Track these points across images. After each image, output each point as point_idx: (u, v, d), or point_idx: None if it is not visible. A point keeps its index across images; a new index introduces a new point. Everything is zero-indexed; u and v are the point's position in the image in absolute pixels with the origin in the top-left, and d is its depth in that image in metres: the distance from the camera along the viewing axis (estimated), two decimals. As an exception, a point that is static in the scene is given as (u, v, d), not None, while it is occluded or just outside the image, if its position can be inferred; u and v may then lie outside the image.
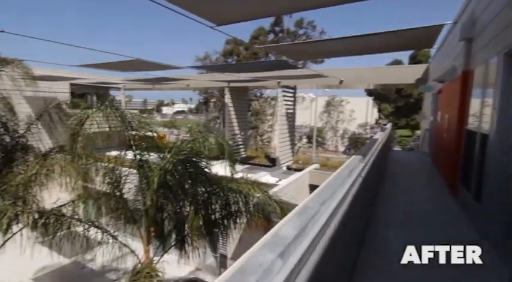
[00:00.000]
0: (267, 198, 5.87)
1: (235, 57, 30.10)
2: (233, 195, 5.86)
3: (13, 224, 5.07)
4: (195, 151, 5.95)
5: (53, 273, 10.32)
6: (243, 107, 16.77)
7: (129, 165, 6.38)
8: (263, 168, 14.17)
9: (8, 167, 5.24)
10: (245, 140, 17.09)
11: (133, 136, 5.54)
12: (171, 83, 15.41)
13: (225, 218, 6.00)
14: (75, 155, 4.90)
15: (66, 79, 14.29)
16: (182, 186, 5.08)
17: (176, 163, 5.02)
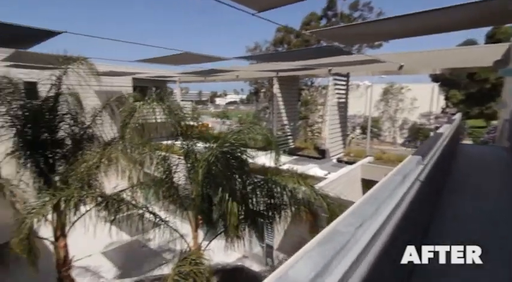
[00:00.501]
0: (312, 193, 5.60)
1: (286, 45, 29.43)
2: (277, 188, 5.73)
3: (80, 206, 5.71)
4: (239, 143, 5.92)
5: (117, 249, 11.56)
6: (292, 97, 16.36)
7: (179, 155, 6.67)
8: (312, 160, 13.74)
9: (75, 156, 5.84)
10: (294, 131, 16.74)
11: (180, 126, 5.72)
12: (221, 75, 15.71)
13: (270, 210, 5.93)
14: (125, 145, 5.23)
15: (129, 74, 15.51)
16: (226, 177, 5.09)
17: (219, 155, 5.04)
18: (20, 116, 6.01)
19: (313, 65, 11.46)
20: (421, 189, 1.64)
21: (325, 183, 9.95)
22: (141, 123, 5.19)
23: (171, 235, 6.45)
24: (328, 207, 5.61)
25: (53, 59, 6.97)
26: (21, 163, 6.00)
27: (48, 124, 6.33)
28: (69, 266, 6.86)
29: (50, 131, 6.40)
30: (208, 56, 7.41)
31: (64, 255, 6.70)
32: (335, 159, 13.49)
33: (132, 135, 5.23)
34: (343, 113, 14.40)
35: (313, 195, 5.63)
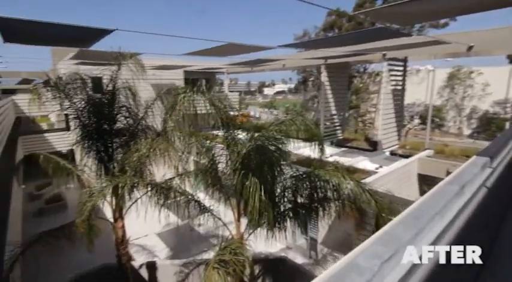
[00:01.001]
0: (358, 189, 5.23)
1: (337, 30, 27.86)
2: (319, 182, 5.47)
3: (135, 191, 6.18)
4: (281, 134, 5.77)
5: (170, 231, 12.44)
6: (342, 85, 15.49)
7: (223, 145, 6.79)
8: (361, 152, 12.96)
9: (129, 146, 6.30)
10: (343, 121, 15.91)
11: (221, 117, 5.77)
12: (267, 65, 15.55)
13: (312, 203, 5.72)
14: (168, 136, 5.43)
15: (180, 67, 16.21)
16: (262, 168, 5.02)
17: (256, 146, 4.97)
18: (84, 108, 6.66)
19: (366, 50, 10.61)
20: (487, 201, 1.30)
21: (375, 178, 9.32)
22: (183, 115, 5.31)
23: (215, 223, 6.66)
24: (376, 204, 5.20)
25: (110, 56, 7.55)
26: (85, 152, 6.70)
27: (107, 116, 6.92)
28: (126, 245, 7.55)
29: (109, 122, 6.99)
30: (253, 46, 7.30)
31: (122, 234, 7.39)
32: (388, 151, 12.51)
33: (175, 127, 5.40)
34: (399, 102, 13.20)
35: (358, 191, 5.25)
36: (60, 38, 5.58)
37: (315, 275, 8.76)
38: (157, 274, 9.18)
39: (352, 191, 5.33)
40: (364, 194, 5.27)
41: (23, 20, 4.21)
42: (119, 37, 5.94)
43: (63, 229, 5.69)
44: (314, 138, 6.32)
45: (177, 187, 6.30)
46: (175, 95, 5.27)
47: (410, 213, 1.00)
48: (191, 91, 5.36)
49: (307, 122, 6.16)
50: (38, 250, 5.58)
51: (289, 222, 6.19)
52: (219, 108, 5.80)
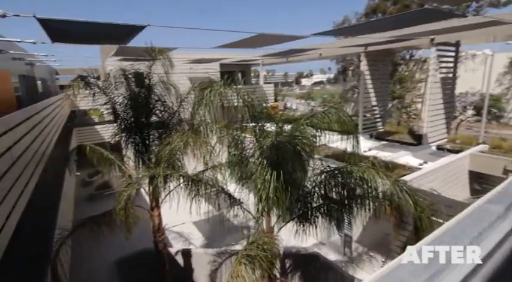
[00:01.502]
0: (395, 188, 4.84)
1: (380, 15, 26.07)
2: (352, 180, 5.16)
3: (168, 183, 6.41)
4: (311, 128, 5.53)
5: (206, 220, 12.84)
6: (383, 74, 14.47)
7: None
8: (404, 146, 12.08)
9: (162, 138, 6.52)
10: (384, 113, 14.92)
11: (248, 110, 5.69)
12: (302, 54, 15.06)
13: (345, 200, 5.44)
14: (195, 129, 5.48)
15: (215, 60, 16.39)
16: (288, 163, 4.85)
17: (275, 143, 4.81)
18: (122, 103, 7.02)
19: (412, 34, 9.71)
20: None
21: (419, 175, 8.63)
22: (209, 108, 5.30)
23: (244, 216, 6.68)
24: (416, 205, 4.78)
25: (146, 52, 7.81)
26: (124, 143, 7.10)
27: (144, 110, 7.22)
28: (163, 232, 7.93)
29: (145, 115, 7.30)
30: (284, 35, 7.06)
31: (158, 223, 7.76)
32: (434, 146, 11.49)
33: (203, 120, 5.42)
34: (449, 91, 11.97)
35: (396, 189, 4.85)
36: (98, 35, 5.89)
37: (348, 273, 8.43)
38: (192, 261, 9.57)
39: (389, 190, 4.95)
40: (402, 194, 4.87)
41: (63, 20, 4.47)
42: (153, 33, 6.11)
43: (104, 216, 6.11)
44: (349, 132, 5.97)
45: (207, 179, 6.42)
46: (202, 89, 5.26)
47: (431, 239, 0.80)
48: (218, 85, 5.29)
49: (340, 114, 5.82)
50: (82, 236, 6.09)
51: (321, 218, 5.99)
52: (246, 101, 5.71)
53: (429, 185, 8.74)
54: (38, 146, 6.85)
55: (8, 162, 4.08)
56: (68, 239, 5.58)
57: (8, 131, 4.31)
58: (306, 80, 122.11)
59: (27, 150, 5.40)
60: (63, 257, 5.62)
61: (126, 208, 5.25)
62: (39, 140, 7.17)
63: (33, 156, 5.93)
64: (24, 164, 5.03)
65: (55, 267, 5.06)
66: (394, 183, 4.95)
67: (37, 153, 6.53)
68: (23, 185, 4.81)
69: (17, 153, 4.62)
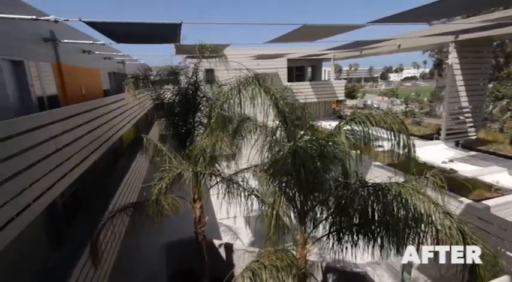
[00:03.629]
0: (443, 220, 3.75)
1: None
2: (391, 201, 4.22)
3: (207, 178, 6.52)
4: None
5: (255, 217, 12.83)
6: (480, 69, 11.72)
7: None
8: (501, 160, 9.58)
9: (200, 135, 6.62)
10: (477, 116, 12.13)
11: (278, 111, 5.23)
12: (376, 47, 13.39)
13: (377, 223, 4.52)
14: (212, 129, 5.29)
15: (279, 56, 16.02)
16: (314, 174, 4.22)
17: (300, 149, 4.19)
18: (170, 98, 7.41)
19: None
20: None
21: (505, 201, 6.69)
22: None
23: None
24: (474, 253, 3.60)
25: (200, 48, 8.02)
26: (168, 139, 7.54)
27: (191, 106, 7.47)
28: (203, 224, 8.18)
29: (193, 111, 7.54)
30: (334, 26, 6.28)
31: (199, 215, 8.03)
32: (548, 163, 8.74)
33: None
34: None
35: (444, 223, 3.76)
36: (150, 35, 6.28)
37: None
38: (233, 256, 9.67)
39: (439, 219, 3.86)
40: (457, 233, 3.71)
41: (106, 22, 4.86)
42: (206, 31, 6.18)
43: (143, 204, 6.56)
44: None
45: (241, 180, 6.29)
46: (219, 86, 5.04)
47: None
48: (240, 83, 4.97)
49: (388, 118, 4.80)
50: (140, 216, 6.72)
51: (359, 238, 5.17)
52: (277, 99, 5.25)
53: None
54: (103, 132, 7.82)
55: (51, 148, 4.71)
56: (112, 219, 6.20)
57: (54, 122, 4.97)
58: (395, 75, 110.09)
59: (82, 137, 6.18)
60: (113, 235, 6.36)
61: (158, 201, 5.52)
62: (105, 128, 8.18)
63: (92, 142, 6.75)
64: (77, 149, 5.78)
65: (95, 244, 5.69)
66: (446, 215, 3.81)
67: (100, 138, 7.46)
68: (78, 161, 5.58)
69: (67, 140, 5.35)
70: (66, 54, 8.13)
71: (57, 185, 4.77)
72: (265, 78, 5.09)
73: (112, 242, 6.80)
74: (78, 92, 9.06)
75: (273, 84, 16.33)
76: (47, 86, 7.16)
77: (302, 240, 6.02)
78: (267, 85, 5.10)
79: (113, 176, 9.93)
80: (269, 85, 5.18)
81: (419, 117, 19.80)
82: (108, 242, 6.58)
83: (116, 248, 7.27)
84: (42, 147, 4.49)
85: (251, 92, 4.91)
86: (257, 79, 5.05)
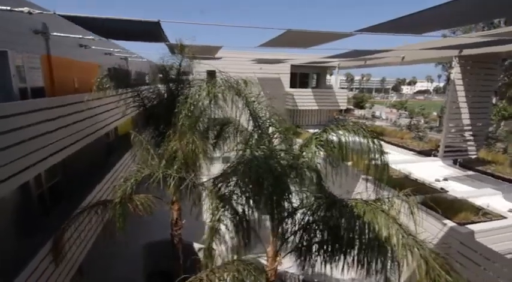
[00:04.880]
0: (413, 247, 3.45)
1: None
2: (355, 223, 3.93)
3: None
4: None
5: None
6: (485, 86, 11.28)
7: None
8: (499, 182, 9.12)
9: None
10: (479, 135, 11.66)
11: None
12: (379, 58, 13.09)
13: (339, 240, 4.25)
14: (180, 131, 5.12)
15: (281, 61, 15.85)
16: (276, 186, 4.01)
17: (255, 160, 3.97)
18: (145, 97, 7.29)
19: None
20: None
21: (501, 226, 6.31)
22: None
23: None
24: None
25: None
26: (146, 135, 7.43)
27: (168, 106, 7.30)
28: (180, 227, 8.00)
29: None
30: (319, 33, 6.08)
31: (176, 217, 7.86)
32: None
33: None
34: None
35: (407, 247, 3.46)
36: (129, 32, 6.22)
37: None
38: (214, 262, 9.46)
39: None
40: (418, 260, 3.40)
41: (92, 17, 4.76)
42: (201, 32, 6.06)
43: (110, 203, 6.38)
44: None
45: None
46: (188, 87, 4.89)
47: None
48: (209, 84, 4.81)
49: (360, 131, 4.55)
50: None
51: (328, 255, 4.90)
52: (250, 106, 5.05)
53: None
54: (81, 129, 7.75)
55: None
56: (80, 217, 6.09)
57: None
58: (408, 87, 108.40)
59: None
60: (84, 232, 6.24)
61: (122, 203, 5.35)
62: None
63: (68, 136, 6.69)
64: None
65: (58, 240, 5.59)
66: (415, 241, 3.48)
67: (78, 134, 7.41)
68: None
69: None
70: (59, 47, 8.15)
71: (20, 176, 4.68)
72: (239, 82, 4.94)
73: (83, 239, 6.69)
74: (69, 85, 9.08)
75: (273, 89, 16.46)
76: (33, 77, 7.17)
77: (272, 252, 5.82)
78: (239, 88, 4.94)
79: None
80: (243, 89, 5.02)
81: (423, 132, 19.27)
82: (78, 239, 6.47)
83: (86, 246, 7.16)
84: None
85: (221, 94, 4.76)
86: (229, 82, 4.89)
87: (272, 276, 5.83)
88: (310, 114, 18.95)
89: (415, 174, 9.62)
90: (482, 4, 4.95)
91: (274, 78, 18.09)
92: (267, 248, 5.83)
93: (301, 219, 4.96)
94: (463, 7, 4.77)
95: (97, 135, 8.33)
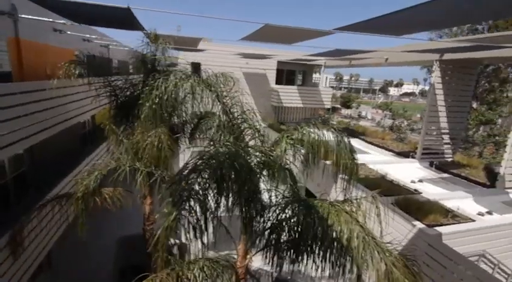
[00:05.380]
0: (373, 250, 3.42)
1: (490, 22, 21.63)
2: (318, 223, 3.88)
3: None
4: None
5: (225, 217, 12.46)
6: (463, 91, 11.50)
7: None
8: (470, 185, 9.34)
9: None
10: (456, 139, 11.93)
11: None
12: (363, 58, 13.13)
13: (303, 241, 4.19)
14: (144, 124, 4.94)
15: (265, 57, 15.65)
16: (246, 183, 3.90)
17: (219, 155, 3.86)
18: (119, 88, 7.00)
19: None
20: None
21: (468, 228, 6.44)
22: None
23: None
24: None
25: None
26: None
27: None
28: (152, 222, 7.81)
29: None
30: (298, 29, 5.96)
31: (148, 212, 7.67)
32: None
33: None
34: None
35: (367, 250, 3.43)
36: (103, 18, 5.91)
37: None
38: (185, 256, 9.34)
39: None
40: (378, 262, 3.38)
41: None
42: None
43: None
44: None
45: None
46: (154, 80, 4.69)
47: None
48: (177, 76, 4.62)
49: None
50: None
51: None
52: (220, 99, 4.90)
53: (482, 246, 6.46)
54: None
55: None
56: (42, 210, 5.82)
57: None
58: (395, 89, 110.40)
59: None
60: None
61: (85, 198, 5.11)
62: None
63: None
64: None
65: (17, 233, 5.31)
66: (371, 244, 3.46)
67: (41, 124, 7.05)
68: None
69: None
70: (29, 31, 7.73)
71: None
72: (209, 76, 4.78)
73: (48, 232, 6.41)
74: (42, 71, 8.64)
75: (259, 85, 16.30)
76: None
77: (242, 250, 5.76)
78: (209, 83, 4.77)
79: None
80: (213, 82, 4.86)
81: (404, 134, 19.60)
82: (43, 231, 6.19)
83: (52, 238, 6.89)
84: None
85: (190, 87, 4.59)
86: (198, 75, 4.72)
87: (242, 274, 5.79)
88: (295, 112, 18.92)
89: (392, 175, 9.73)
90: (463, 7, 4.94)
91: (260, 73, 17.91)
92: (238, 246, 5.79)
93: (269, 218, 4.90)
94: (444, 7, 4.73)
95: (66, 125, 7.98)
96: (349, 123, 21.57)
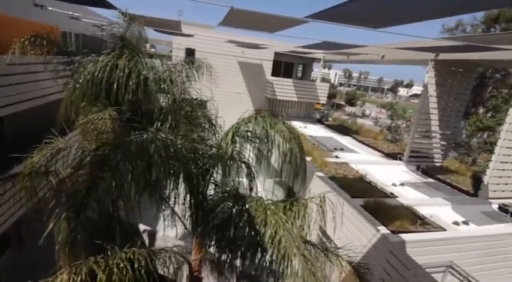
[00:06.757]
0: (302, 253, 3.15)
1: (503, 24, 20.92)
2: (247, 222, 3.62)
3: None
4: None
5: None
6: (458, 94, 10.98)
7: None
8: (454, 193, 8.95)
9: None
10: (447, 143, 11.46)
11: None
12: (360, 54, 12.61)
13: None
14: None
15: (257, 46, 15.22)
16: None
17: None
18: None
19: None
20: None
21: (441, 237, 6.14)
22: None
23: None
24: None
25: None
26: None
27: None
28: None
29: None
30: (269, 16, 5.58)
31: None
32: (496, 204, 8.11)
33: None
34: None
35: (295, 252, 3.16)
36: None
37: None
38: (154, 244, 9.23)
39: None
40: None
41: None
42: None
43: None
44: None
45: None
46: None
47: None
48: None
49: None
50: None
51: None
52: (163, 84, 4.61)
53: (452, 257, 6.14)
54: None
55: None
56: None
57: None
58: (405, 90, 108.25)
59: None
60: None
61: (31, 177, 4.90)
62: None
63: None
64: None
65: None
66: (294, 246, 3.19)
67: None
68: None
69: None
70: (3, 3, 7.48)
71: None
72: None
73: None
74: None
75: (254, 75, 15.82)
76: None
77: (195, 243, 5.65)
78: (151, 65, 4.47)
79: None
80: (155, 65, 4.55)
81: (399, 135, 19.07)
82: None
83: (11, 217, 6.77)
84: None
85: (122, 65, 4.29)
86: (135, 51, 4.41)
87: (196, 266, 5.69)
88: (289, 105, 18.50)
89: (374, 176, 9.39)
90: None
91: (256, 64, 17.47)
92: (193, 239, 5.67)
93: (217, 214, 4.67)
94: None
95: (36, 103, 7.77)
96: (346, 121, 21.08)
